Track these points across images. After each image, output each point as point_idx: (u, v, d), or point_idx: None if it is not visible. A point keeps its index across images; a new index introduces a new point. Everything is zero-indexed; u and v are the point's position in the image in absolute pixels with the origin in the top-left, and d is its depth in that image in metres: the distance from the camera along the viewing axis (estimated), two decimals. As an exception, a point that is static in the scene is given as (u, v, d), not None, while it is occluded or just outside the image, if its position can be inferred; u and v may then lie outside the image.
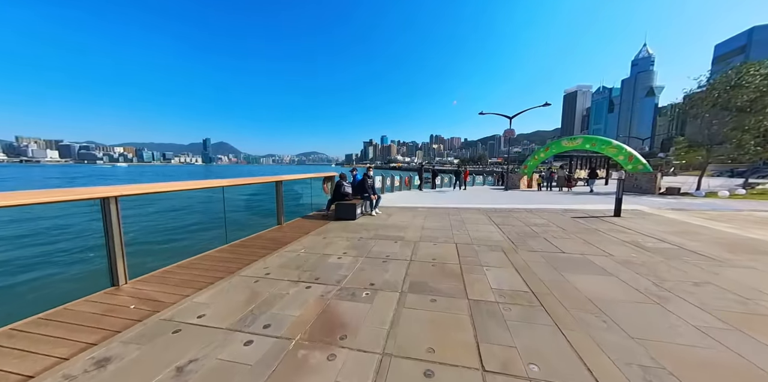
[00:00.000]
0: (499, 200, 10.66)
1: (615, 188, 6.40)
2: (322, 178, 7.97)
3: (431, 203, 9.70)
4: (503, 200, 10.66)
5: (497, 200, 10.67)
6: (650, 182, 13.69)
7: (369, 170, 7.10)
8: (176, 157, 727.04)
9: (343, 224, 5.88)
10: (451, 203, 9.63)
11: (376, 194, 7.03)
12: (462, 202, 9.87)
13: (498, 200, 10.37)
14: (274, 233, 5.19)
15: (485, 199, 10.96)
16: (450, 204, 9.05)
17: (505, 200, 10.65)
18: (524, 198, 11.22)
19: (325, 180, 8.08)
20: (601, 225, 5.54)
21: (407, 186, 16.99)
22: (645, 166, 14.43)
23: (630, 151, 15.00)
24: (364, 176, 6.90)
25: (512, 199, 10.99)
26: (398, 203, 9.47)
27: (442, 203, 9.37)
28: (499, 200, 10.66)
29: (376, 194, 7.03)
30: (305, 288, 2.84)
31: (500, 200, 10.66)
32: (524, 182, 19.77)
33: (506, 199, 11.00)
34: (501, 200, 10.37)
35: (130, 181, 43.10)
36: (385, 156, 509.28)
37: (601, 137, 16.31)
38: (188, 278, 3.12)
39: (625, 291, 2.72)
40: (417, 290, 2.76)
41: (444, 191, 15.95)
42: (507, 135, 16.16)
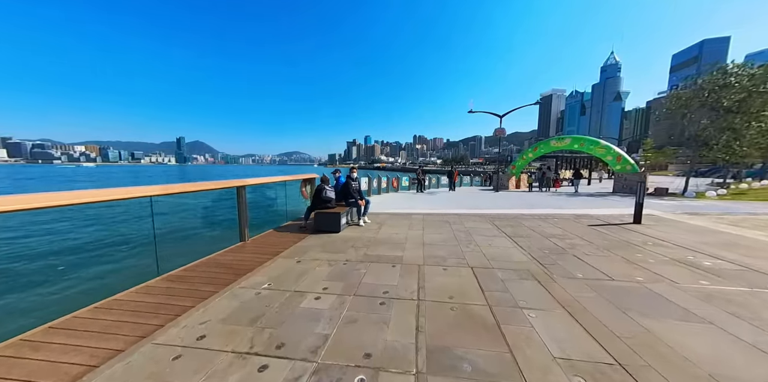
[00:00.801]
0: (497, 203, 9.90)
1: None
2: (300, 181, 6.76)
3: (425, 207, 8.74)
4: (501, 202, 9.92)
5: (495, 203, 9.90)
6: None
7: (353, 171, 5.98)
8: (147, 157, 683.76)
9: (324, 238, 4.74)
10: (446, 207, 8.71)
11: (363, 199, 5.95)
12: (458, 206, 8.99)
13: (496, 203, 9.59)
14: (232, 254, 3.95)
15: (481, 202, 10.17)
16: (446, 209, 8.12)
17: (503, 202, 9.91)
18: (521, 200, 10.55)
19: (304, 183, 6.88)
20: (628, 235, 4.78)
21: (395, 188, 16.00)
22: (633, 167, 14.35)
23: (618, 152, 14.90)
24: (348, 179, 5.79)
25: (510, 201, 10.29)
26: (389, 207, 8.42)
27: (438, 208, 8.44)
28: (497, 203, 9.90)
29: (363, 199, 5.95)
30: (257, 371, 1.71)
31: (498, 202, 9.91)
32: (513, 183, 19.42)
33: (503, 201, 10.27)
34: (499, 203, 9.61)
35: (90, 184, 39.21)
36: (369, 156, 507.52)
37: (590, 137, 16.16)
38: (42, 361, 1.85)
39: (748, 354, 1.82)
40: (440, 367, 1.71)
41: (434, 192, 15.10)
42: (498, 134, 15.61)
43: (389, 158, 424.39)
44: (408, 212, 7.36)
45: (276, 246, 4.30)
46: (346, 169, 6.29)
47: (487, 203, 9.73)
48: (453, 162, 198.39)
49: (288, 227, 5.65)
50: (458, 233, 5.06)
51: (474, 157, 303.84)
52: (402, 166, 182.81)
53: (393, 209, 8.01)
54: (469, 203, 9.79)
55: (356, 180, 5.96)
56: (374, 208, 8.10)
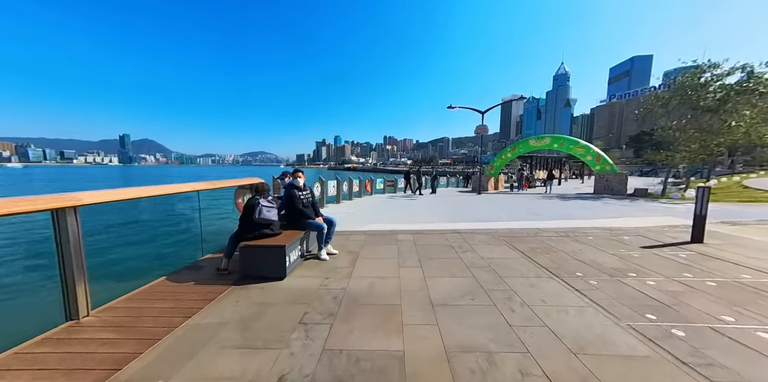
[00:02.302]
0: (491, 210, 8.39)
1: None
2: (235, 188, 4.46)
3: (410, 217, 6.88)
4: (495, 209, 8.44)
5: (490, 210, 8.38)
6: (621, 183, 13.21)
7: (297, 176, 3.85)
8: (81, 157, 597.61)
9: (253, 295, 2.60)
10: (436, 217, 6.94)
11: (322, 216, 3.90)
12: (450, 215, 7.27)
13: (492, 211, 8.06)
14: (43, 357, 1.66)
15: (474, 209, 8.60)
16: (438, 221, 6.34)
17: (498, 209, 8.45)
18: (517, 206, 9.20)
19: (240, 192, 4.58)
20: (719, 267, 3.34)
21: (368, 191, 14.01)
22: (612, 167, 14.04)
23: (597, 152, 14.54)
24: (290, 189, 3.71)
25: (504, 207, 8.88)
26: (365, 220, 6.41)
27: (426, 219, 6.63)
28: (491, 210, 8.39)
29: (322, 216, 3.90)
30: None
31: (492, 209, 8.42)
32: (491, 184, 18.57)
33: (498, 208, 8.82)
34: (494, 211, 8.10)
35: (-19, 188, 31.64)
36: (339, 156, 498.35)
37: (569, 137, 15.73)
38: None
39: None
40: None
41: (413, 197, 13.35)
42: (480, 131, 14.40)
43: (360, 159, 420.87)
44: (391, 230, 5.41)
45: (141, 330, 2.07)
46: (310, 170, 4.15)
47: (481, 211, 8.18)
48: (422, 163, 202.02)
49: (198, 268, 3.37)
50: (479, 272, 3.22)
51: (442, 157, 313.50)
52: (373, 166, 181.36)
53: (371, 224, 6.02)
54: (461, 211, 8.17)
55: (306, 189, 3.88)
56: (347, 221, 6.06)
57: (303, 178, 3.88)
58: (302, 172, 3.95)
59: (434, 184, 16.01)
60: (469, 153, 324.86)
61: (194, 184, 3.48)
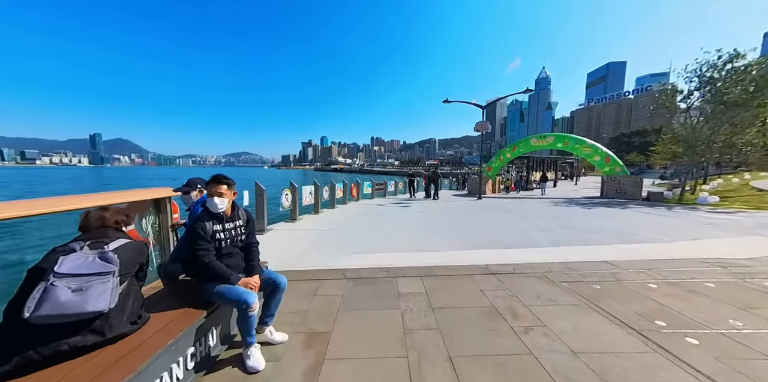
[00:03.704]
0: (509, 222, 6.64)
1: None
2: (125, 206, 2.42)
3: (409, 237, 4.99)
4: (512, 221, 6.69)
5: (519, 226, 6.63)
6: (635, 187, 11.95)
7: (217, 192, 1.81)
8: (45, 157, 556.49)
9: None
10: (446, 237, 5.07)
11: (261, 273, 1.96)
12: (464, 233, 5.41)
13: (518, 226, 6.31)
14: None
15: (489, 222, 6.82)
16: (453, 246, 4.48)
17: (515, 221, 6.70)
18: (535, 215, 7.50)
19: (130, 210, 2.53)
20: None
21: (354, 197, 12.05)
22: (623, 169, 12.81)
23: (606, 152, 13.29)
24: (196, 220, 1.76)
25: (523, 217, 7.15)
26: (346, 245, 4.45)
27: (434, 241, 4.75)
28: (509, 222, 6.64)
29: (261, 273, 1.96)
30: None
31: (509, 222, 6.66)
32: (488, 186, 17.08)
33: (513, 220, 7.08)
34: (512, 224, 6.35)
35: None
36: (325, 157, 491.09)
37: (575, 136, 14.44)
38: None
39: None
40: None
41: (406, 203, 11.48)
42: (480, 128, 12.79)
43: (347, 160, 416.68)
44: (387, 266, 3.50)
45: None
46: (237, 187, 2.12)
47: (497, 224, 6.41)
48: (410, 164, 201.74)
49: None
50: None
51: (429, 158, 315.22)
52: (360, 167, 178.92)
53: (355, 253, 4.09)
54: (472, 225, 6.37)
55: (237, 218, 1.94)
56: (321, 247, 4.09)
57: (228, 196, 1.85)
58: (229, 182, 1.87)
59: (429, 187, 14.25)
60: (455, 154, 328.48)
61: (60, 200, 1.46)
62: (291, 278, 3.18)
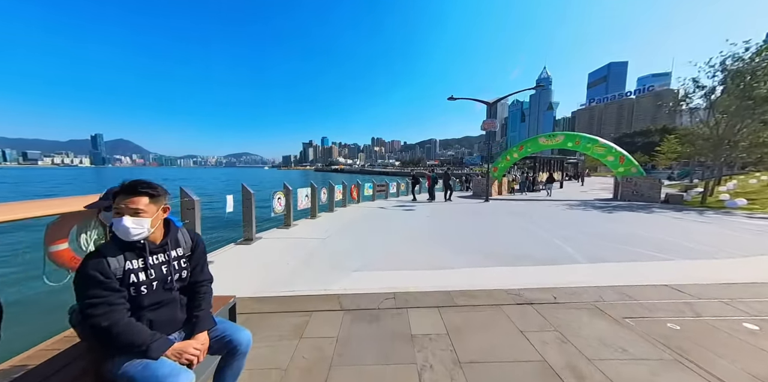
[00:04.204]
0: (529, 229, 5.95)
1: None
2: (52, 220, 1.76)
3: (417, 248, 4.29)
4: (530, 228, 5.99)
5: (541, 235, 5.93)
6: (653, 189, 11.24)
7: (129, 209, 1.09)
8: (47, 158, 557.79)
9: None
10: (458, 248, 4.37)
11: (212, 328, 1.28)
12: (479, 244, 4.70)
13: (540, 235, 5.61)
14: None
15: (506, 229, 6.14)
16: (471, 262, 3.78)
17: (533, 228, 6.01)
18: (553, 221, 6.79)
19: (61, 227, 1.86)
20: None
21: (354, 199, 11.39)
22: (639, 169, 12.11)
23: (621, 152, 12.58)
24: (84, 262, 1.09)
25: (540, 223, 6.44)
26: (344, 259, 3.76)
27: (445, 254, 4.05)
28: (529, 229, 5.95)
29: (212, 328, 1.28)
30: None
31: (527, 229, 5.97)
32: (494, 188, 16.39)
33: (535, 224, 6.38)
34: (531, 231, 5.66)
35: None
36: (326, 158, 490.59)
37: (587, 135, 13.74)
38: None
39: None
40: None
41: (410, 206, 10.78)
42: (487, 127, 12.10)
43: (347, 160, 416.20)
44: (393, 290, 2.81)
45: None
46: None
47: (515, 233, 5.72)
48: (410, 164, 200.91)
49: None
50: None
51: (430, 159, 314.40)
52: (361, 168, 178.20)
53: (354, 271, 3.42)
54: (485, 234, 5.69)
55: (171, 238, 1.26)
56: (315, 260, 3.40)
57: (151, 213, 1.13)
58: (152, 192, 1.13)
59: (433, 189, 13.57)
60: (456, 154, 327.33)
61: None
62: (273, 308, 2.51)
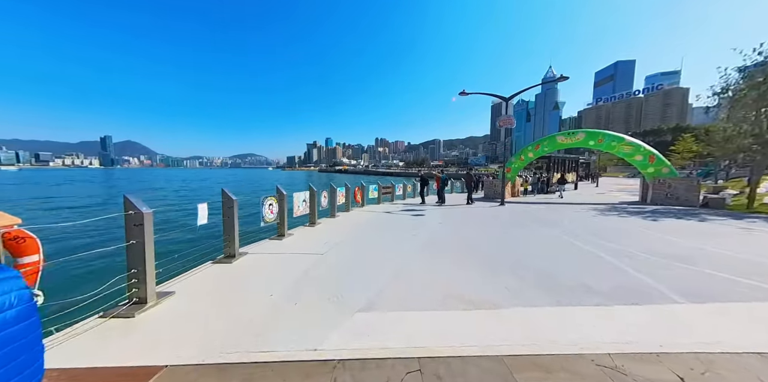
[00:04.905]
0: (585, 247, 4.95)
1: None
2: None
3: (444, 275, 3.30)
4: (590, 246, 5.00)
5: (592, 250, 4.92)
6: (691, 191, 10.10)
7: None
8: (58, 159, 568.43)
9: None
10: (498, 270, 3.37)
11: None
12: (523, 265, 3.66)
13: (594, 252, 4.60)
14: None
15: (538, 243, 5.15)
16: (510, 292, 2.79)
17: (595, 246, 5.00)
18: (592, 231, 5.74)
19: None
20: None
21: (359, 202, 10.48)
22: (671, 170, 10.97)
23: (650, 150, 11.44)
24: None
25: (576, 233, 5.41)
26: (346, 284, 2.79)
27: (482, 279, 3.07)
28: (585, 247, 4.95)
29: None
30: None
31: (584, 246, 4.97)
32: (507, 189, 15.33)
33: (571, 235, 5.37)
34: (591, 248, 4.66)
35: None
36: (330, 159, 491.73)
37: (611, 132, 12.61)
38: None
39: None
40: None
41: (419, 210, 9.79)
42: (503, 124, 11.08)
43: (351, 161, 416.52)
44: (412, 355, 1.87)
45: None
46: None
47: (556, 250, 4.71)
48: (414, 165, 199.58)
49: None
50: None
51: (434, 159, 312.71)
52: (365, 168, 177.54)
53: (355, 310, 2.48)
54: (522, 252, 4.71)
55: None
56: (314, 280, 2.41)
57: None
58: None
59: (443, 190, 12.60)
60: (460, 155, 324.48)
61: None
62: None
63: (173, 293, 2.85)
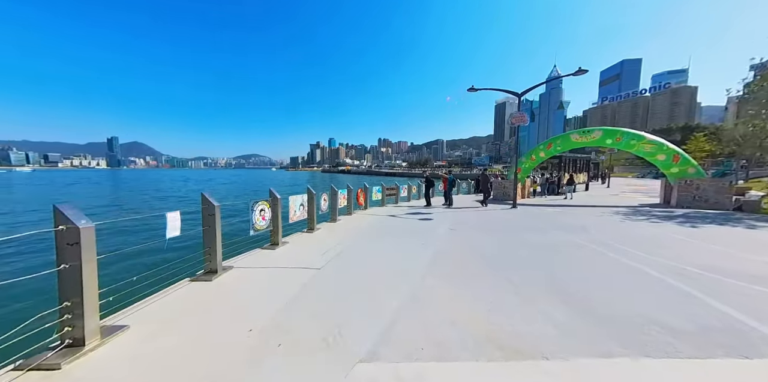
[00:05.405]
0: (631, 264, 4.27)
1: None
2: None
3: (467, 300, 2.64)
4: (638, 263, 4.31)
5: (640, 268, 4.25)
6: (722, 193, 9.32)
7: None
8: (67, 160, 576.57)
9: None
10: (535, 295, 2.69)
11: None
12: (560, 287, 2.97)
13: (644, 271, 3.92)
14: None
15: (583, 261, 4.47)
16: (566, 329, 2.15)
17: (642, 261, 4.32)
18: (639, 246, 5.05)
19: None
20: None
21: (361, 205, 9.85)
22: (698, 170, 10.19)
23: (674, 149, 10.66)
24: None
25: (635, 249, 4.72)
26: (343, 303, 2.15)
27: (519, 308, 2.41)
28: (631, 264, 4.27)
29: None
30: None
31: (631, 263, 4.30)
32: (518, 191, 14.61)
33: (621, 252, 4.69)
34: (638, 265, 3.98)
35: None
36: (333, 159, 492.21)
37: (630, 130, 11.83)
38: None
39: None
40: None
41: (426, 213, 9.12)
42: (516, 121, 10.38)
43: (354, 161, 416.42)
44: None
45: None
46: None
47: (596, 267, 4.04)
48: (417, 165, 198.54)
49: None
50: None
51: (437, 159, 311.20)
52: (368, 169, 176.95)
53: (356, 360, 1.86)
54: (554, 268, 4.05)
55: None
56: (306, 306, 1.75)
57: None
58: None
59: (450, 192, 11.94)
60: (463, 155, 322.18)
61: None
62: None
63: (125, 328, 2.24)
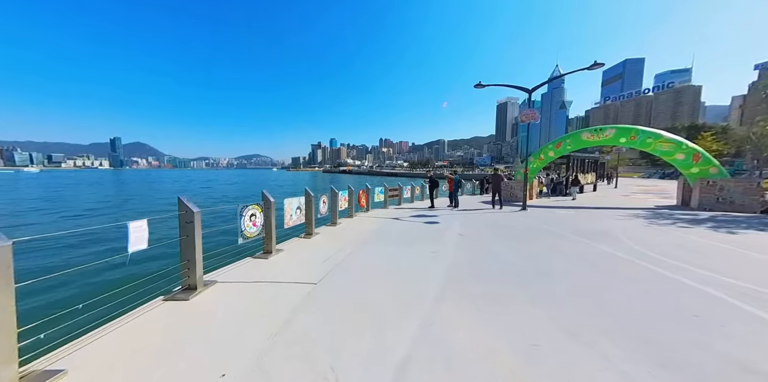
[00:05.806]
0: (695, 285, 3.73)
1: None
2: None
3: (504, 343, 2.09)
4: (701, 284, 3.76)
5: (710, 292, 3.70)
6: (749, 194, 8.72)
7: None
8: (70, 160, 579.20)
9: None
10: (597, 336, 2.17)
11: None
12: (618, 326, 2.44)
13: (714, 295, 3.40)
14: None
15: (631, 282, 3.93)
16: None
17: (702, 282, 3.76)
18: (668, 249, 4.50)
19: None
20: None
21: (363, 207, 9.33)
22: (720, 170, 9.59)
23: (694, 148, 10.07)
24: None
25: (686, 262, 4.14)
26: (341, 337, 1.65)
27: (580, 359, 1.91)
28: (695, 285, 3.73)
29: None
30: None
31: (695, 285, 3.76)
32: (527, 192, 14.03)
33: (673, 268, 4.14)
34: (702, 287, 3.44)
35: None
36: (334, 159, 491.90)
37: (646, 128, 11.23)
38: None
39: None
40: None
41: (430, 215, 8.54)
42: (526, 118, 9.82)
43: (356, 161, 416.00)
44: None
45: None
46: None
47: (647, 285, 3.50)
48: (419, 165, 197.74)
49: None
50: None
51: (438, 159, 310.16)
52: (369, 169, 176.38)
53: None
54: (600, 294, 3.51)
55: None
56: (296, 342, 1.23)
57: None
58: None
59: (456, 193, 11.40)
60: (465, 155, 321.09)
61: None
62: None
63: (61, 374, 1.73)
